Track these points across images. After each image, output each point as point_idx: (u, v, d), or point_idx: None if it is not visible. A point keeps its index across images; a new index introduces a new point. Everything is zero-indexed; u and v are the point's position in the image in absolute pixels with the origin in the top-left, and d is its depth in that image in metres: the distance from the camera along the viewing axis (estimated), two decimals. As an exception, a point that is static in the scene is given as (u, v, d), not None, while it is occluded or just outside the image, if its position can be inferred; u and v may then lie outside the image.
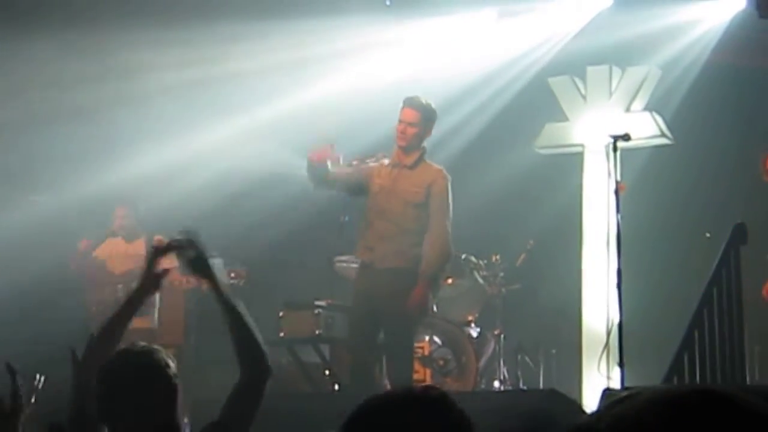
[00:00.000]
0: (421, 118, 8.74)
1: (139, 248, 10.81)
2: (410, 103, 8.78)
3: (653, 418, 1.48)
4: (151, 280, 4.64)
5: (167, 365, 4.15)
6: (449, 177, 8.77)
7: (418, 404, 2.57)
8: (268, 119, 12.05)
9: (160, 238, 10.38)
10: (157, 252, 4.63)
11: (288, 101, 11.92)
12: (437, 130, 9.22)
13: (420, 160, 8.80)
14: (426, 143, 8.89)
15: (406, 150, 8.79)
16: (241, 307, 4.38)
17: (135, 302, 4.62)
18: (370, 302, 8.67)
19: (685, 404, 1.48)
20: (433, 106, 8.89)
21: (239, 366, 4.29)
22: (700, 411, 1.46)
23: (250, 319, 4.36)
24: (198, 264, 4.46)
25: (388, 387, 8.52)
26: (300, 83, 11.91)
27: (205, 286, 4.49)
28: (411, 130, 8.72)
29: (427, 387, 2.70)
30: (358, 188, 9.00)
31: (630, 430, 1.48)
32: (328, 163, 8.73)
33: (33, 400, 5.82)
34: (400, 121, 8.78)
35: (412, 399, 2.59)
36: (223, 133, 12.08)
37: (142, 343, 4.28)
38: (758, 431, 1.44)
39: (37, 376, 5.87)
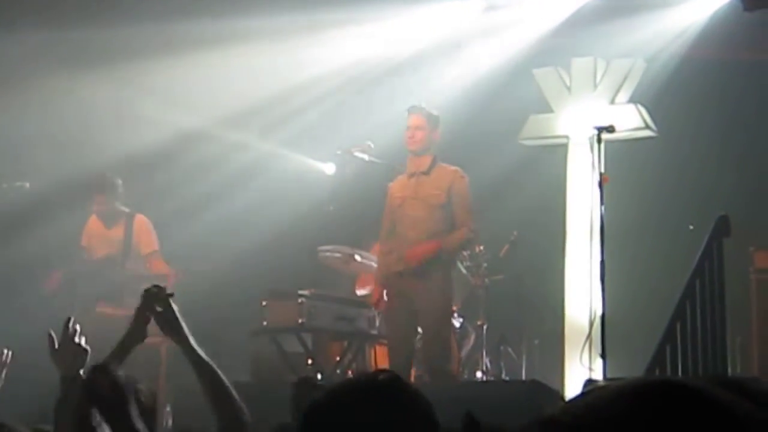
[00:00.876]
0: (426, 122, 9.10)
1: (118, 233, 10.72)
2: (414, 110, 9.15)
3: (619, 409, 1.48)
4: (140, 329, 4.53)
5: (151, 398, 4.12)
6: (466, 176, 9.16)
7: (370, 389, 2.57)
8: (250, 107, 12.03)
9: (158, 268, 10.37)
10: (146, 307, 4.52)
11: (270, 89, 11.90)
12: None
13: (434, 164, 9.16)
14: (435, 149, 9.23)
15: (417, 153, 9.15)
16: (212, 364, 4.28)
17: (125, 349, 4.53)
18: (411, 304, 8.97)
19: (651, 396, 1.47)
20: (436, 113, 9.23)
21: (218, 421, 4.21)
22: (666, 404, 1.46)
23: (221, 376, 4.26)
24: (168, 323, 4.36)
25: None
26: (284, 72, 11.88)
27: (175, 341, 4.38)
28: (419, 134, 9.09)
29: (378, 371, 2.72)
30: None
31: (596, 422, 1.48)
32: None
33: (3, 374, 5.80)
34: (408, 128, 9.12)
35: (365, 385, 2.60)
36: (205, 120, 12.06)
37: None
38: (723, 426, 1.44)
39: (5, 351, 5.85)
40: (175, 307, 4.36)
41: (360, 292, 10.50)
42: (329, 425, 2.53)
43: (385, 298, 9.28)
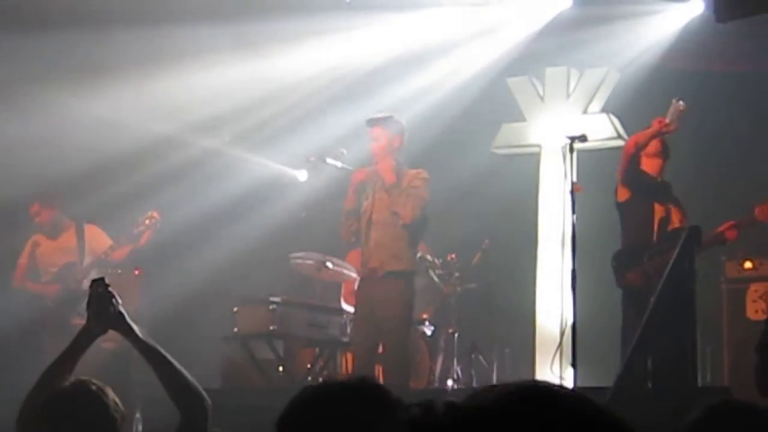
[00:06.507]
0: (383, 131, 9.15)
1: (69, 241, 10.66)
2: (371, 122, 9.24)
3: (495, 406, 1.59)
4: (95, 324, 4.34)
5: (106, 403, 4.05)
6: (427, 176, 9.21)
7: (356, 393, 2.57)
8: (223, 114, 12.00)
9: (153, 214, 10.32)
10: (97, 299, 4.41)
11: (244, 97, 11.87)
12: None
13: (397, 169, 9.17)
14: (400, 152, 9.26)
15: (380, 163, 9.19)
16: (164, 352, 4.19)
17: (77, 350, 4.35)
18: (373, 312, 9.03)
19: (518, 397, 1.60)
20: (395, 117, 9.30)
21: (177, 408, 4.09)
22: (529, 404, 1.59)
23: (175, 362, 4.17)
24: (112, 318, 4.27)
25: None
26: (258, 79, 11.85)
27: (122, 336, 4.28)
28: (376, 145, 9.17)
29: (364, 377, 2.71)
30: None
31: (474, 416, 1.59)
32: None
33: None
34: (371, 141, 9.22)
35: (349, 389, 2.59)
36: (178, 127, 12.02)
37: (82, 381, 4.15)
38: (571, 425, 1.58)
39: None
40: (117, 299, 4.28)
41: (346, 306, 10.41)
42: (311, 422, 2.53)
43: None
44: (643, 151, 8.96)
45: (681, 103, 8.66)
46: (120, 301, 4.28)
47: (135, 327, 4.23)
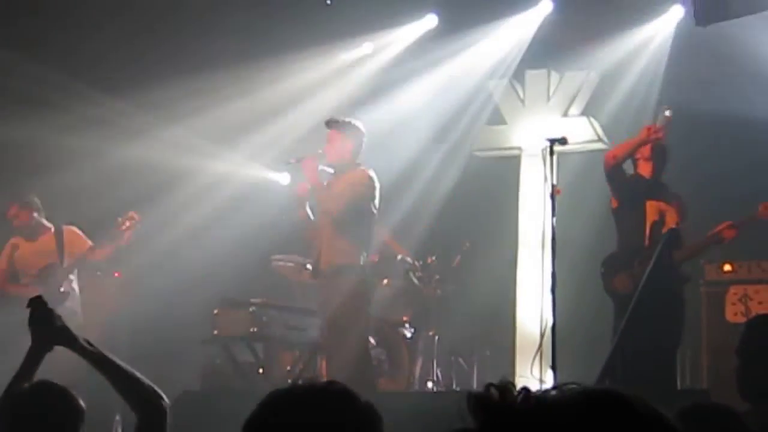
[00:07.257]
0: (338, 133, 9.08)
1: (49, 244, 10.59)
2: (328, 124, 9.18)
3: (570, 411, 1.65)
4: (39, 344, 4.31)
5: (67, 403, 4.03)
6: (371, 174, 9.00)
7: (323, 397, 2.57)
8: (207, 120, 12.00)
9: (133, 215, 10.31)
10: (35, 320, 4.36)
11: (231, 107, 11.89)
12: (378, 132, 9.43)
13: (347, 168, 9.07)
14: (355, 155, 9.10)
15: (331, 165, 9.15)
16: (114, 358, 4.18)
17: (32, 363, 4.30)
18: (330, 310, 8.89)
19: (595, 404, 1.65)
20: (354, 122, 9.19)
21: (133, 411, 4.08)
22: (608, 410, 1.64)
23: (128, 366, 4.12)
24: (55, 333, 4.26)
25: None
26: (244, 90, 11.87)
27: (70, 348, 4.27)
28: (329, 147, 9.09)
29: (331, 381, 2.72)
30: None
31: (552, 417, 1.64)
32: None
33: None
34: (326, 142, 9.17)
35: (316, 392, 2.60)
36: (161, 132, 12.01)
37: (43, 382, 4.11)
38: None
39: None
40: (58, 314, 4.28)
41: None
42: (278, 426, 2.54)
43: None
44: (639, 155, 8.95)
45: (668, 112, 8.68)
46: (60, 315, 4.28)
47: (80, 339, 4.21)
